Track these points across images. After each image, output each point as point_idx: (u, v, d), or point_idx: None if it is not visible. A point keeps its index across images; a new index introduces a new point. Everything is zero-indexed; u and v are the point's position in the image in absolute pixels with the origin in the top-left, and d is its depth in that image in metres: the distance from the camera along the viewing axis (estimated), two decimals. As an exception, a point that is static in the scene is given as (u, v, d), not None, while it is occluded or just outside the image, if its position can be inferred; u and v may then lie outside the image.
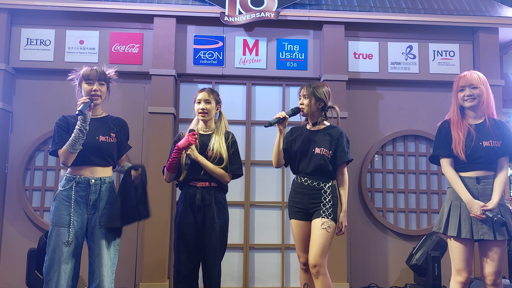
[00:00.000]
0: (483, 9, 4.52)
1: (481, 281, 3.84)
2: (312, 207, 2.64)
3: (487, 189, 2.41)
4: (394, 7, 4.46)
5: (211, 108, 2.70)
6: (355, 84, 4.47)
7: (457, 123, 2.49)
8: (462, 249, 2.41)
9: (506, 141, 2.44)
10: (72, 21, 4.27)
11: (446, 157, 2.52)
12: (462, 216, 2.41)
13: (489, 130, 2.45)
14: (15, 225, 4.06)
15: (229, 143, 2.70)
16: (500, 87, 4.40)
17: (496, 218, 2.29)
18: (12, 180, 4.12)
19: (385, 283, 4.29)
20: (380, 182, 4.43)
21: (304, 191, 2.67)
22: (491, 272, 2.38)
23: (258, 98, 4.45)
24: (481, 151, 2.42)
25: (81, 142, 2.34)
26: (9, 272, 4.02)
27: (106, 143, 2.45)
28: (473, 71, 2.55)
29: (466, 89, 2.50)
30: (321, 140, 2.67)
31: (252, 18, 4.24)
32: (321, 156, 2.63)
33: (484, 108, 2.49)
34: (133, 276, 4.13)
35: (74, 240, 2.36)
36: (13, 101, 4.23)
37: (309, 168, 2.66)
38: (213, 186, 2.65)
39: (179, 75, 4.36)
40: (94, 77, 2.45)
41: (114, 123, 2.56)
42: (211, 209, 2.60)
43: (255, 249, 4.27)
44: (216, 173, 2.62)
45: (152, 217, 3.95)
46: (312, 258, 2.56)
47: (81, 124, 2.32)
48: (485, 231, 2.35)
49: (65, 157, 2.35)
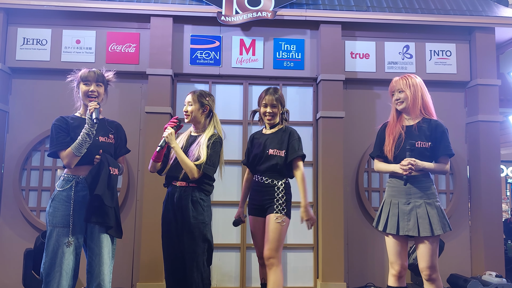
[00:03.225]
0: (480, 9, 4.53)
1: (477, 280, 3.87)
2: (267, 203, 2.75)
3: (413, 188, 2.54)
4: (391, 7, 4.46)
5: (193, 109, 2.71)
6: (352, 84, 4.48)
7: (391, 126, 2.69)
8: (393, 243, 2.58)
9: (439, 142, 2.57)
10: (68, 21, 4.26)
11: (377, 157, 2.75)
12: (390, 213, 2.59)
13: (415, 131, 2.59)
14: (11, 225, 4.05)
15: (210, 143, 2.62)
16: (496, 87, 4.42)
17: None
18: (8, 180, 4.11)
19: (382, 283, 4.29)
20: (377, 182, 4.44)
21: (259, 189, 2.80)
22: (424, 267, 2.49)
23: (255, 98, 4.43)
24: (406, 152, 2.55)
25: (87, 145, 2.37)
26: (5, 272, 4.01)
27: (106, 144, 2.49)
28: (404, 76, 2.69)
29: (395, 94, 2.71)
30: (273, 142, 2.82)
31: (249, 17, 4.23)
32: (274, 157, 2.77)
33: (413, 110, 2.63)
34: (130, 276, 4.12)
35: (74, 240, 2.36)
36: (9, 101, 4.21)
37: (263, 167, 2.80)
38: (191, 186, 2.59)
39: (176, 74, 4.35)
40: (92, 78, 2.48)
41: (111, 125, 2.60)
42: (187, 209, 2.54)
43: (252, 249, 4.27)
44: (185, 164, 2.53)
45: (149, 218, 3.98)
46: (267, 251, 2.67)
47: (89, 128, 2.36)
48: (410, 227, 2.50)
49: (69, 160, 2.36)
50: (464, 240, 4.39)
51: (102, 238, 2.40)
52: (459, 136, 4.52)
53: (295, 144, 2.79)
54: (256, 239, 2.88)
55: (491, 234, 4.22)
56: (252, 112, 3.07)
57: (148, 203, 4.01)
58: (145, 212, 4.00)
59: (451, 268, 4.28)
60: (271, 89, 2.89)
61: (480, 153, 4.31)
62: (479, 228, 4.28)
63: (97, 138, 2.45)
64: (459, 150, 4.48)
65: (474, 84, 4.43)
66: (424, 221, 2.47)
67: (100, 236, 2.40)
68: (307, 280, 4.27)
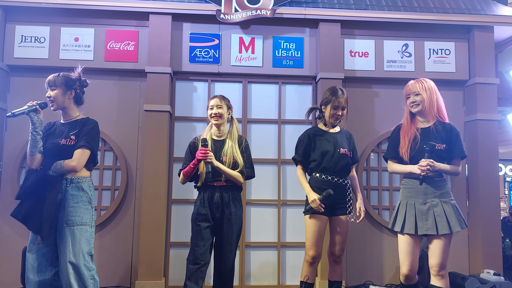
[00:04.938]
0: (479, 7, 4.54)
1: (475, 278, 3.88)
2: (339, 203, 2.91)
3: (429, 188, 2.63)
4: (390, 5, 4.46)
5: (223, 112, 2.86)
6: (351, 82, 4.48)
7: (406, 128, 2.75)
8: (407, 243, 2.65)
9: (454, 144, 2.66)
10: (67, 18, 4.25)
11: (391, 159, 2.83)
12: (407, 214, 2.65)
13: (433, 133, 2.66)
14: (9, 224, 4.04)
15: (243, 148, 2.89)
16: (495, 86, 4.42)
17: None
18: (6, 178, 4.10)
19: (381, 281, 4.30)
20: (376, 180, 4.44)
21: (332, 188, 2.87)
22: (435, 263, 2.60)
23: (254, 96, 4.44)
24: (424, 153, 2.60)
25: (37, 145, 2.43)
26: (4, 271, 4.01)
27: (67, 146, 2.47)
28: (419, 79, 2.77)
29: (410, 97, 2.75)
30: (343, 142, 2.97)
31: (248, 16, 4.23)
32: (346, 156, 2.94)
33: (429, 112, 2.70)
34: (129, 274, 4.12)
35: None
36: (7, 98, 4.20)
37: (338, 166, 2.91)
38: (230, 185, 2.83)
39: (174, 73, 4.34)
40: (47, 84, 2.55)
41: (79, 125, 2.54)
42: (229, 206, 2.79)
43: (251, 247, 4.27)
44: (232, 177, 2.79)
45: (148, 216, 3.97)
46: (340, 251, 2.95)
47: (31, 127, 2.42)
48: (428, 226, 2.58)
49: (28, 160, 2.47)
50: (462, 238, 4.41)
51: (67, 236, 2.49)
52: (458, 135, 4.52)
53: (355, 147, 3.10)
54: (319, 238, 2.88)
55: (489, 232, 4.24)
56: (311, 109, 3.15)
57: (147, 201, 4.01)
58: (144, 210, 3.99)
59: (449, 266, 4.22)
60: (340, 91, 2.94)
61: (479, 152, 4.32)
62: (477, 227, 4.29)
63: (60, 141, 2.48)
64: (458, 149, 4.49)
65: (472, 83, 4.44)
66: (442, 219, 2.56)
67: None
68: (306, 278, 4.27)
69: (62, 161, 2.44)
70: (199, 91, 4.38)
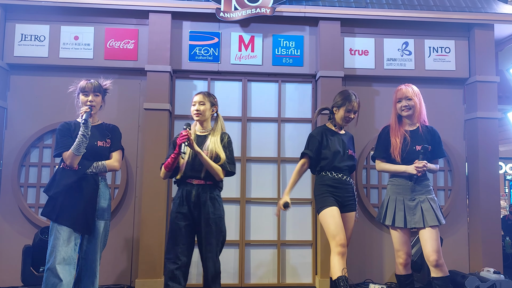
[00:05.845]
0: (479, 5, 4.53)
1: (475, 276, 3.88)
2: (348, 200, 2.97)
3: (417, 186, 2.85)
4: (390, 3, 4.45)
5: (205, 109, 2.83)
6: (351, 81, 4.47)
7: (395, 130, 2.93)
8: (399, 235, 2.88)
9: (437, 145, 2.93)
10: (66, 17, 4.24)
11: (381, 159, 3.01)
12: (397, 209, 2.88)
13: (422, 135, 2.90)
14: (10, 222, 4.05)
15: (225, 143, 2.82)
16: (495, 84, 4.42)
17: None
18: (6, 177, 4.10)
19: (381, 279, 4.31)
20: (376, 178, 4.44)
21: (341, 186, 2.94)
22: (430, 250, 2.73)
23: (254, 95, 4.44)
24: (414, 154, 2.85)
25: (85, 145, 2.60)
26: (4, 269, 4.01)
27: (103, 148, 2.75)
28: (408, 85, 2.95)
29: (402, 101, 2.92)
30: (350, 143, 3.08)
31: (248, 14, 4.22)
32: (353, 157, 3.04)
33: (417, 116, 2.91)
34: (129, 272, 4.12)
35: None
36: (7, 97, 4.20)
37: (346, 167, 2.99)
38: (208, 184, 2.76)
39: (174, 71, 4.34)
40: (89, 89, 2.73)
41: (108, 129, 2.85)
42: (206, 205, 2.71)
43: (251, 246, 4.28)
44: (211, 167, 2.70)
45: (148, 214, 3.98)
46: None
47: (84, 130, 2.57)
48: (416, 220, 2.81)
49: (71, 159, 2.59)
50: (462, 236, 4.41)
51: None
52: (458, 133, 4.52)
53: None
54: (341, 225, 2.84)
55: (489, 230, 4.23)
56: (321, 110, 3.22)
57: (147, 200, 4.01)
58: (144, 209, 4.00)
59: (449, 265, 4.26)
60: (354, 96, 3.02)
61: (479, 150, 4.31)
62: (477, 225, 4.29)
63: (96, 142, 2.71)
64: (458, 147, 4.48)
65: (473, 81, 4.43)
66: (429, 213, 2.79)
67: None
68: (306, 277, 4.28)
69: (103, 161, 2.72)
70: (199, 89, 4.38)
